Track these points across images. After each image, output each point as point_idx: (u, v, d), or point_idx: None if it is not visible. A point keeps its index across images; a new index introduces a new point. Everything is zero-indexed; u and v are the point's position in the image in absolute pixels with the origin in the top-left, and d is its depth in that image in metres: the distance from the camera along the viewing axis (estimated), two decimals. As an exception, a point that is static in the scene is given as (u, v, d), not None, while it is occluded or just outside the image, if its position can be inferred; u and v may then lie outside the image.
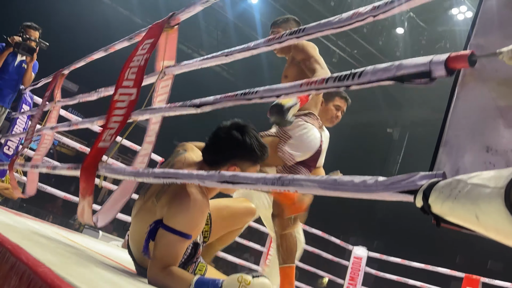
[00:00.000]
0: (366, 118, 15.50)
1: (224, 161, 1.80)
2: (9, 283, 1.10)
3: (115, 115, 2.18)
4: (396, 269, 6.47)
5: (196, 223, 1.67)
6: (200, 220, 1.69)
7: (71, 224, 9.93)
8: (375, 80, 1.11)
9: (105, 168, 2.08)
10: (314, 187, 1.09)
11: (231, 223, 2.15)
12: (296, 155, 2.68)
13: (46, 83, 4.28)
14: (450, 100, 0.98)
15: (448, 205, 0.79)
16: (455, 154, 0.93)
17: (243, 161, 1.82)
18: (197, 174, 1.45)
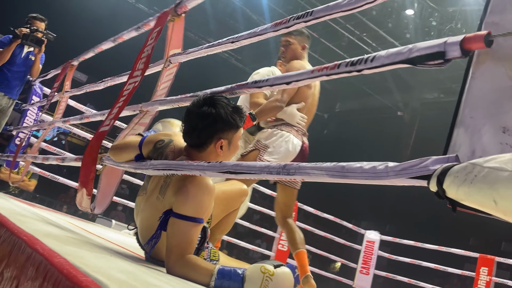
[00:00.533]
0: (376, 102, 15.41)
1: (209, 139, 1.77)
2: (26, 273, 1.11)
3: (119, 101, 2.19)
4: (410, 252, 6.47)
5: (206, 207, 1.66)
6: (209, 203, 1.68)
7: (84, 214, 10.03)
8: (388, 63, 1.10)
9: (107, 159, 2.09)
10: (322, 175, 1.07)
11: (228, 206, 2.15)
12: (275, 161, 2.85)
13: (55, 74, 4.29)
14: (464, 80, 0.96)
15: (464, 190, 0.77)
16: (470, 135, 0.91)
17: (226, 132, 1.79)
18: (197, 165, 1.44)
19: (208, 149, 1.78)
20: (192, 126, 1.77)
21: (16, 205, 2.99)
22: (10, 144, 4.96)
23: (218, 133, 1.77)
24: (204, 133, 1.76)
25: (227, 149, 1.81)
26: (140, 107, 2.24)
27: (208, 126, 1.75)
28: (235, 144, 1.84)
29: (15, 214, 2.01)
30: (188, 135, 1.80)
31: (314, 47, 13.41)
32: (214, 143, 1.78)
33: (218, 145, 1.78)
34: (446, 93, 13.76)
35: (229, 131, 1.80)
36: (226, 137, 1.79)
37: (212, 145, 1.78)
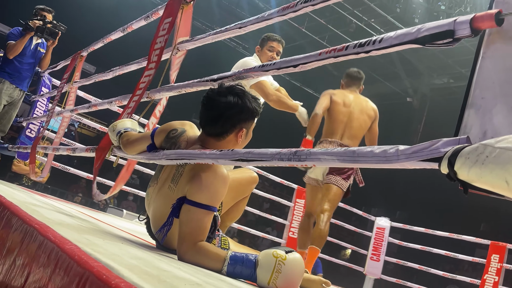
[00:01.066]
0: (385, 88, 15.30)
1: (231, 128, 1.79)
2: (38, 261, 1.12)
3: (136, 95, 2.20)
4: (420, 239, 6.46)
5: (220, 195, 1.66)
6: (223, 191, 1.68)
7: (95, 204, 10.11)
8: (396, 43, 1.08)
9: (118, 149, 2.11)
10: (333, 160, 1.07)
11: (238, 193, 2.16)
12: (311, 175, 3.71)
13: (64, 66, 4.31)
14: (475, 60, 0.95)
15: (475, 171, 0.77)
16: (481, 116, 0.90)
17: (248, 122, 1.83)
18: (210, 153, 1.44)
19: (227, 138, 1.80)
20: (217, 115, 1.77)
21: (28, 195, 3.02)
22: (21, 136, 4.99)
23: (241, 122, 1.80)
24: (230, 122, 1.78)
25: (244, 138, 1.85)
26: (147, 94, 2.24)
27: (235, 115, 1.77)
28: (250, 133, 1.89)
29: (27, 204, 2.03)
30: (211, 124, 1.80)
31: (321, 34, 13.33)
32: (235, 132, 1.80)
33: (240, 135, 1.81)
34: (455, 78, 13.62)
35: (250, 121, 1.83)
36: (246, 126, 1.83)
37: (233, 135, 1.80)
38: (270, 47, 3.50)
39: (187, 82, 2.00)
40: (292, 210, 6.21)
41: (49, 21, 4.51)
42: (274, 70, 1.58)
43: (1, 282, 1.32)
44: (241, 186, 2.17)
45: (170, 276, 1.01)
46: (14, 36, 4.43)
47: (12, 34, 4.43)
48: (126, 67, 2.84)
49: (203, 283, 1.03)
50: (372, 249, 6.67)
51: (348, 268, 7.43)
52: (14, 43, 4.38)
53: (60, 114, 3.78)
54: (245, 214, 12.20)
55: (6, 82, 4.39)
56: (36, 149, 3.68)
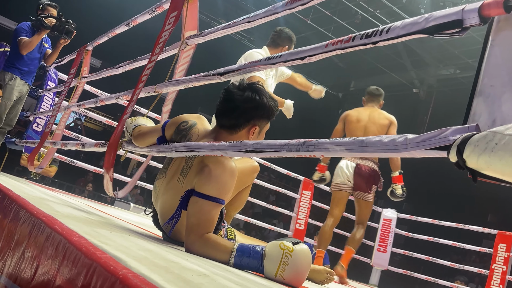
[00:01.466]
0: (391, 79, 15.22)
1: (245, 123, 1.81)
2: (46, 253, 1.12)
3: (138, 88, 2.20)
4: (427, 230, 6.45)
5: (228, 188, 1.67)
6: (231, 184, 1.68)
7: (102, 198, 10.15)
8: (403, 34, 1.07)
9: (127, 144, 2.11)
10: (341, 150, 1.07)
11: (241, 183, 2.15)
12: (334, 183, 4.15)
13: (70, 60, 4.31)
14: (484, 48, 0.93)
15: (484, 159, 0.76)
16: (491, 104, 0.89)
17: (261, 120, 1.84)
18: (219, 145, 1.44)
19: (240, 132, 1.82)
20: (232, 107, 1.78)
21: (36, 189, 3.03)
22: (28, 130, 5.01)
23: (255, 119, 1.82)
24: (244, 116, 1.80)
25: (256, 136, 1.85)
26: (154, 88, 2.24)
27: (250, 110, 1.79)
28: (263, 134, 1.91)
29: (35, 197, 2.04)
30: (225, 115, 1.82)
31: (327, 26, 13.25)
32: (248, 128, 1.82)
33: (252, 131, 1.82)
34: (462, 68, 13.51)
35: (265, 120, 1.85)
36: (260, 124, 1.85)
37: (245, 130, 1.82)
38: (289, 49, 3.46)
39: (194, 76, 1.99)
40: (298, 202, 6.21)
41: (66, 20, 4.50)
42: (281, 62, 1.57)
43: (11, 274, 1.32)
44: (243, 175, 2.16)
45: (178, 267, 1.02)
46: (26, 32, 4.40)
47: (23, 30, 4.40)
48: (135, 63, 2.84)
49: (210, 274, 1.03)
50: (379, 241, 6.67)
51: (355, 260, 7.43)
52: (29, 40, 4.36)
53: (68, 108, 3.78)
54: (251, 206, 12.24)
55: (17, 78, 4.39)
56: (44, 143, 3.69)
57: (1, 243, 1.59)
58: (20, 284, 1.21)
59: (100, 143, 2.44)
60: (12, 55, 4.40)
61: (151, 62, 2.22)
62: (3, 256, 1.49)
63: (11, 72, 4.35)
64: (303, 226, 6.17)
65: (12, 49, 4.42)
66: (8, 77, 4.31)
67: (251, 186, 2.28)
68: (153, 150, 1.91)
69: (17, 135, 5.78)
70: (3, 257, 1.48)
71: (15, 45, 4.39)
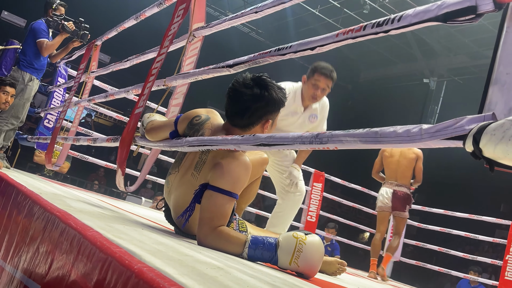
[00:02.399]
0: (401, 70, 15.12)
1: (258, 120, 1.81)
2: (60, 248, 1.13)
3: (149, 81, 2.20)
4: (439, 220, 6.42)
5: (242, 182, 1.67)
6: (245, 179, 1.69)
7: (114, 192, 10.21)
8: (416, 22, 1.06)
9: (139, 139, 2.12)
10: (355, 142, 1.06)
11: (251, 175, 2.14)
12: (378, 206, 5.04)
13: (80, 55, 4.32)
14: (499, 35, 0.92)
15: (501, 148, 0.75)
16: (506, 92, 0.87)
17: (274, 114, 1.85)
18: (232, 139, 1.43)
19: (253, 129, 1.82)
20: (243, 108, 1.77)
21: (49, 185, 3.06)
22: (39, 126, 5.04)
23: (268, 114, 1.82)
24: (257, 115, 1.79)
25: (270, 128, 1.87)
26: (164, 82, 2.23)
27: (262, 108, 1.79)
28: (276, 122, 1.91)
29: (48, 193, 2.05)
30: (238, 116, 1.81)
31: (335, 17, 13.17)
32: (261, 123, 1.83)
33: (266, 126, 1.84)
34: (473, 57, 13.36)
35: (277, 112, 1.85)
36: (272, 117, 1.85)
37: (259, 126, 1.83)
38: (315, 80, 3.17)
39: (203, 69, 1.98)
40: (309, 194, 6.20)
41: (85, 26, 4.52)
42: (291, 53, 1.55)
43: (26, 269, 1.33)
44: (253, 168, 2.15)
45: (192, 260, 1.02)
46: (46, 33, 4.41)
47: (43, 31, 4.40)
48: (143, 56, 2.84)
49: (225, 267, 1.03)
50: (390, 232, 6.64)
51: (367, 251, 7.41)
52: (52, 43, 4.36)
53: (78, 104, 3.80)
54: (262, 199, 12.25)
55: (35, 79, 4.42)
56: (56, 139, 3.71)
57: (16, 239, 1.60)
58: (35, 279, 1.21)
59: (112, 138, 2.45)
60: (30, 56, 4.38)
61: (161, 55, 2.22)
62: (18, 251, 1.50)
63: (30, 72, 4.36)
64: (315, 218, 6.17)
65: (30, 49, 4.39)
66: (27, 78, 4.33)
67: (261, 178, 2.28)
68: (166, 144, 1.91)
69: (29, 132, 5.82)
70: (18, 253, 1.50)
71: (33, 45, 4.37)
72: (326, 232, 7.27)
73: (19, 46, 4.79)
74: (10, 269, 1.50)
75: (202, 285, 0.74)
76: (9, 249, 1.62)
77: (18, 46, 4.79)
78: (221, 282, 0.84)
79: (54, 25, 4.39)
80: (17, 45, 4.79)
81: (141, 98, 2.23)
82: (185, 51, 2.30)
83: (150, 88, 2.22)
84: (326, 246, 7.64)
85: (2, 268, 1.62)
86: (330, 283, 1.79)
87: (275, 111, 1.84)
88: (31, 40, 4.37)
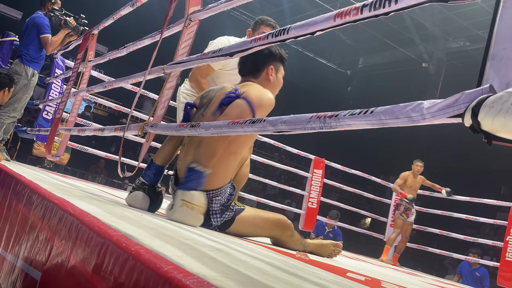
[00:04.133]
0: (400, 54, 15.05)
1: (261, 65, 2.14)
2: (59, 234, 1.12)
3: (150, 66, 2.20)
4: (440, 204, 6.43)
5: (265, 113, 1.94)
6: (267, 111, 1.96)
7: (115, 183, 10.22)
8: (416, 4, 1.04)
9: (148, 126, 2.12)
10: (361, 124, 1.06)
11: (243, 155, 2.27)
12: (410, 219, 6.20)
13: (77, 46, 4.29)
14: (495, 11, 0.90)
15: (500, 120, 0.74)
16: (504, 67, 0.86)
17: (274, 62, 2.17)
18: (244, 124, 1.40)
19: (261, 75, 2.15)
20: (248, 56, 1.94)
21: (49, 176, 3.05)
22: (38, 118, 5.03)
23: (269, 60, 2.15)
24: (259, 59, 2.12)
25: (275, 77, 2.17)
26: (162, 69, 2.22)
27: (262, 53, 2.09)
28: (280, 76, 2.21)
29: (47, 182, 2.05)
30: (245, 64, 2.16)
31: (333, 2, 13.09)
32: (266, 70, 2.14)
33: (270, 72, 2.14)
34: (472, 40, 13.29)
35: (277, 61, 2.18)
36: (275, 65, 2.16)
37: (265, 72, 2.14)
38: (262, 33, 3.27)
39: (202, 55, 1.96)
40: (310, 181, 6.21)
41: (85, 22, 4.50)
42: (291, 39, 1.53)
43: (27, 257, 1.33)
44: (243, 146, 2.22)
45: (192, 243, 1.01)
46: (49, 28, 4.38)
47: (47, 26, 4.36)
48: (139, 42, 2.82)
49: (224, 248, 1.02)
50: (391, 217, 6.66)
51: (369, 236, 7.45)
52: (56, 40, 4.34)
53: (77, 94, 3.78)
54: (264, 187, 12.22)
55: (37, 74, 4.40)
56: (56, 131, 3.69)
57: (16, 228, 1.60)
58: (36, 267, 1.21)
59: (120, 127, 2.44)
60: (34, 50, 4.36)
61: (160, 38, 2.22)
62: (18, 240, 1.50)
63: (33, 67, 4.34)
64: (316, 204, 6.18)
65: (33, 43, 4.36)
66: (31, 72, 4.31)
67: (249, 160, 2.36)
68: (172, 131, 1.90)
69: (28, 124, 5.80)
70: (18, 242, 1.50)
71: (35, 39, 4.34)
72: (327, 219, 7.29)
73: (15, 38, 4.77)
74: (11, 258, 1.50)
75: (200, 265, 0.74)
76: (10, 238, 1.62)
77: (15, 38, 4.77)
78: (221, 262, 0.84)
79: (56, 20, 4.37)
80: (13, 37, 4.77)
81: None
82: (181, 35, 2.28)
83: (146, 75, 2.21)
84: (328, 232, 7.66)
85: (3, 257, 1.62)
86: (330, 265, 1.79)
87: (275, 60, 2.16)
88: (34, 35, 4.34)
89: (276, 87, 2.19)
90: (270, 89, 2.08)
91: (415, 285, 2.22)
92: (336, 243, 2.28)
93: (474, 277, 7.17)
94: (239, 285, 0.65)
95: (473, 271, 7.22)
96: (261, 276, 0.80)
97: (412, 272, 4.96)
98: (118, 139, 11.85)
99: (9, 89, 3.86)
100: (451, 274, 9.71)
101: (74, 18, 4.44)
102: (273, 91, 2.13)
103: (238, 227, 1.91)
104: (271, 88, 2.12)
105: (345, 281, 1.20)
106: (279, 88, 2.22)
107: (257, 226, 1.98)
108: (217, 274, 0.69)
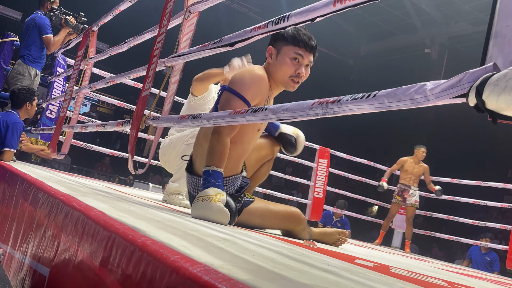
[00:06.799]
0: (402, 41, 14.95)
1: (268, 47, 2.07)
2: (66, 231, 1.13)
3: (153, 63, 2.19)
4: (447, 189, 6.41)
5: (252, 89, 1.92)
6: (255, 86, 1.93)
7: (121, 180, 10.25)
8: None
9: (150, 119, 2.11)
10: (365, 108, 1.05)
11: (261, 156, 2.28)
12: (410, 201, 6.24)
13: (77, 43, 4.29)
14: (497, -13, 0.89)
15: (504, 98, 0.73)
16: (507, 45, 0.85)
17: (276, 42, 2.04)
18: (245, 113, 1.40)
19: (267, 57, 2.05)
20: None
21: (54, 174, 3.06)
22: (42, 118, 5.03)
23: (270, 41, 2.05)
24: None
25: (275, 58, 2.03)
26: (163, 62, 2.21)
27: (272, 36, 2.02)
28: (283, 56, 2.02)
29: (52, 180, 2.05)
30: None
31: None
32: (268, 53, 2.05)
33: (268, 53, 2.04)
34: (474, 24, 13.17)
35: (279, 41, 2.02)
36: (276, 46, 2.03)
37: (267, 54, 2.05)
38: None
39: (203, 47, 1.95)
40: (315, 171, 6.20)
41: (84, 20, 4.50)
42: (291, 26, 1.52)
43: (35, 254, 1.34)
44: (264, 149, 2.27)
45: (198, 233, 1.01)
46: (50, 28, 4.38)
47: (48, 26, 4.36)
48: (139, 37, 2.81)
49: (231, 238, 1.02)
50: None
51: (376, 224, 7.44)
52: (58, 39, 4.35)
53: (79, 92, 3.78)
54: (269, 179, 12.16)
55: (39, 74, 4.41)
56: (60, 129, 3.70)
57: (23, 226, 1.60)
58: (44, 263, 1.22)
59: (123, 122, 2.44)
60: (36, 50, 4.36)
61: (161, 34, 2.21)
62: (26, 238, 1.51)
63: (35, 67, 4.34)
64: (322, 194, 6.17)
65: (35, 44, 4.36)
66: (34, 73, 4.32)
67: (273, 160, 2.33)
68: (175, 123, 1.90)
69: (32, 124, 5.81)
70: (26, 239, 1.50)
71: (37, 40, 4.34)
72: (334, 208, 7.29)
73: (16, 38, 4.77)
74: (19, 256, 1.51)
75: (207, 254, 0.73)
76: (17, 237, 1.63)
77: (15, 38, 4.77)
78: (228, 251, 0.84)
79: (56, 20, 4.37)
80: (13, 37, 4.77)
81: (147, 80, 2.21)
82: (181, 27, 2.27)
83: (154, 70, 2.20)
84: (335, 222, 7.66)
85: (12, 256, 1.63)
86: (338, 253, 1.79)
87: (277, 40, 2.01)
88: (36, 35, 4.35)
89: (278, 68, 2.01)
90: (272, 70, 2.01)
91: (425, 269, 2.22)
92: (341, 231, 2.27)
93: (485, 261, 7.15)
94: (246, 273, 0.64)
95: (483, 256, 7.19)
96: (268, 263, 0.80)
97: (420, 258, 4.96)
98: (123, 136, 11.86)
99: (31, 103, 3.88)
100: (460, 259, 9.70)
101: (74, 16, 4.44)
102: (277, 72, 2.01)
103: (245, 219, 1.91)
104: (273, 69, 2.01)
105: (353, 267, 1.20)
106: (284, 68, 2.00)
107: (265, 218, 1.97)
108: (224, 263, 0.68)
